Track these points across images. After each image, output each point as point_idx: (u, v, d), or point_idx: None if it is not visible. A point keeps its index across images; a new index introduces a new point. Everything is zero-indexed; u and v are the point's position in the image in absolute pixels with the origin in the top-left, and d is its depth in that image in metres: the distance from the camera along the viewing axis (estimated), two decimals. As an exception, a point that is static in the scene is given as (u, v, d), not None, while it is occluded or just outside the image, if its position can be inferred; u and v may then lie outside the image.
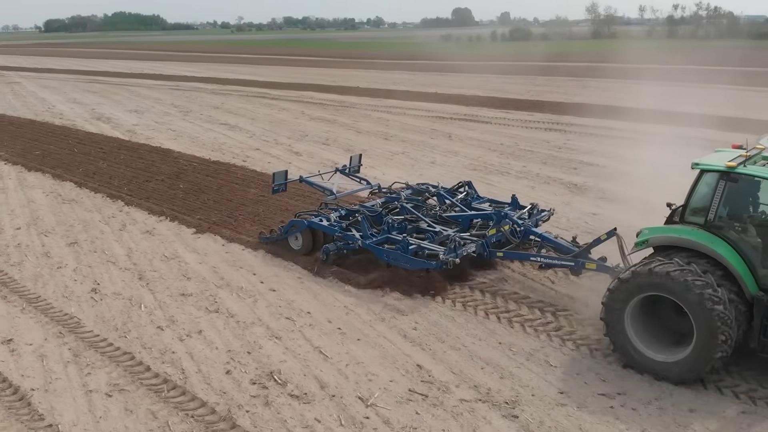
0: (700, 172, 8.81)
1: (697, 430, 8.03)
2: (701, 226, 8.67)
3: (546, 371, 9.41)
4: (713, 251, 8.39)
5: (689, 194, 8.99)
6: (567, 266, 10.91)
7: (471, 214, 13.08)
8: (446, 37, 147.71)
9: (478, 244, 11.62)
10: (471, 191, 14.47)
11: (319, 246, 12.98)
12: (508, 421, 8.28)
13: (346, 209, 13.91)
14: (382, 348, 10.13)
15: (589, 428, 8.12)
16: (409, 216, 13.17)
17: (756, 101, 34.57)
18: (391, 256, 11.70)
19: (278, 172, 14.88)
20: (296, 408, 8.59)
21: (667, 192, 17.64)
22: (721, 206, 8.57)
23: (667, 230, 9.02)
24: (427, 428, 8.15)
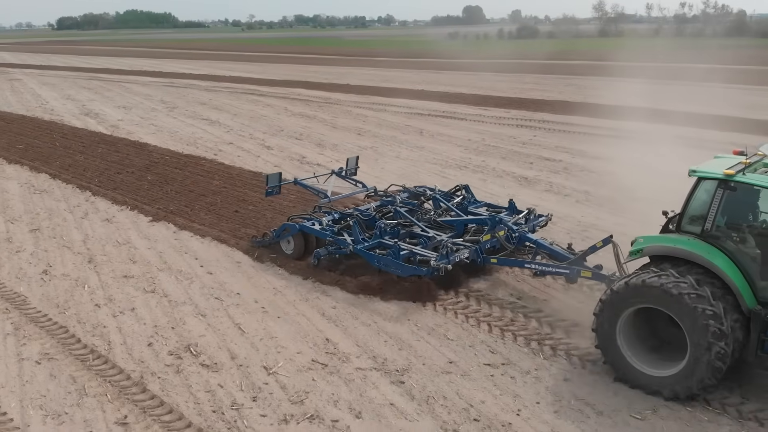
0: (698, 180, 8.34)
1: (565, 397, 8.74)
2: (698, 236, 8.28)
3: (442, 344, 10.14)
4: (709, 262, 7.99)
5: (686, 202, 8.53)
6: (562, 274, 10.62)
7: (465, 219, 12.79)
8: (453, 35, 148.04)
9: (472, 250, 11.36)
10: (468, 195, 14.17)
11: (311, 250, 12.69)
12: (394, 386, 9.02)
13: (339, 213, 13.60)
14: (298, 325, 10.88)
15: (466, 393, 8.84)
16: (403, 220, 12.85)
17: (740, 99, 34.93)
18: (382, 262, 11.44)
19: (271, 175, 14.42)
20: (204, 375, 9.35)
21: (613, 185, 18.35)
22: (719, 215, 8.15)
23: (663, 239, 8.63)
24: (319, 392, 8.89)
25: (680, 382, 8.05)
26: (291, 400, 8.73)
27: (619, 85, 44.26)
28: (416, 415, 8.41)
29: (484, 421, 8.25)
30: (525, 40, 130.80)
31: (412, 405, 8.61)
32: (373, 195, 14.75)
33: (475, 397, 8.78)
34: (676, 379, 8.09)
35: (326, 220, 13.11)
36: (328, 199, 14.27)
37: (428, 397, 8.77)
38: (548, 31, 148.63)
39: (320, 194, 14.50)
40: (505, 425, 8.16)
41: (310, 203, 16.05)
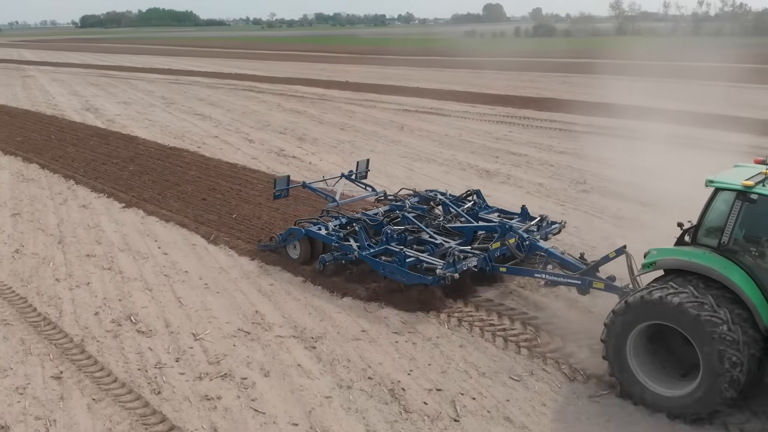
0: (715, 190, 7.95)
1: (456, 359, 9.65)
2: (714, 249, 7.88)
3: (359, 315, 11.09)
4: (725, 278, 7.59)
5: (702, 214, 8.11)
6: (573, 284, 10.22)
7: (475, 225, 12.37)
8: (470, 33, 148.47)
9: (480, 258, 11.01)
10: (479, 200, 13.72)
11: (317, 255, 12.39)
12: (305, 351, 9.98)
13: (347, 217, 13.24)
14: (234, 299, 11.89)
15: (368, 356, 9.78)
16: (411, 226, 12.49)
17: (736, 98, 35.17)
18: (387, 269, 11.14)
19: (279, 178, 14.13)
20: (137, 340, 10.39)
21: (567, 178, 19.15)
22: (737, 228, 7.73)
23: (677, 252, 8.21)
24: (236, 356, 9.88)
25: (689, 404, 7.64)
26: (209, 361, 9.72)
27: (613, 83, 44.67)
28: (318, 374, 9.36)
29: (377, 379, 9.19)
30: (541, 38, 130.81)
31: (317, 366, 9.56)
32: (383, 199, 14.32)
33: (375, 359, 9.71)
34: (684, 401, 7.69)
35: (332, 224, 12.76)
36: (336, 203, 13.88)
37: (333, 360, 9.72)
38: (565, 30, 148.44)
39: (328, 198, 14.14)
40: (394, 382, 9.08)
41: (295, 198, 16.99)
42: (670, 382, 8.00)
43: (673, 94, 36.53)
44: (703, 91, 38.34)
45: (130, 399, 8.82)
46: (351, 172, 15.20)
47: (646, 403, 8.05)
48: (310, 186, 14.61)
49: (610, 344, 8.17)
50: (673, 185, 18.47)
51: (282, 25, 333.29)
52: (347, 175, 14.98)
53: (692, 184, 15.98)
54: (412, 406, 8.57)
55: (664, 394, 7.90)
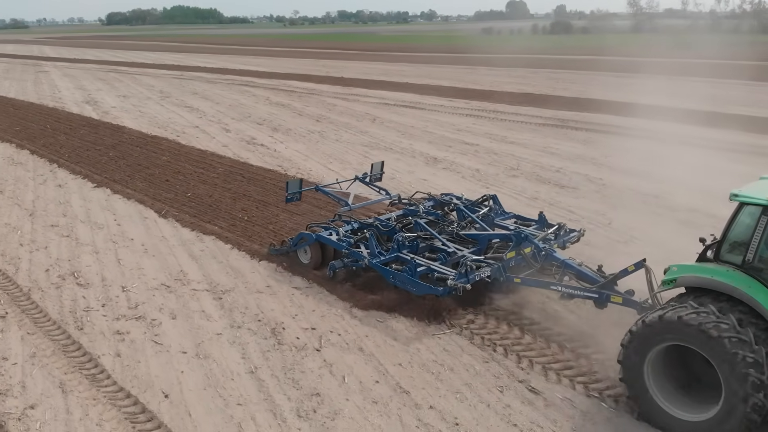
0: (740, 205, 7.53)
1: (336, 307, 11.37)
2: (738, 267, 7.47)
3: (270, 273, 12.86)
4: (750, 298, 7.19)
5: (726, 229, 7.70)
6: (590, 298, 9.75)
7: (489, 234, 11.89)
8: (487, 31, 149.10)
9: (494, 268, 10.54)
10: (495, 206, 13.28)
11: (328, 260, 12.25)
12: (212, 300, 11.77)
13: (359, 222, 12.99)
14: (165, 261, 13.71)
15: (264, 305, 11.53)
16: (423, 233, 12.04)
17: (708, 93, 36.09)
18: (397, 278, 10.83)
19: (292, 181, 14.01)
20: (74, 290, 12.26)
21: (503, 165, 20.71)
22: (763, 245, 7.31)
23: (699, 269, 7.80)
24: (153, 303, 11.68)
25: (711, 430, 7.25)
26: (129, 307, 11.56)
27: (599, 79, 46.13)
28: (217, 317, 11.14)
29: (264, 321, 10.94)
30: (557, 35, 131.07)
31: (218, 312, 11.34)
32: (397, 203, 14.09)
33: (269, 307, 11.47)
34: (706, 426, 7.29)
35: (344, 230, 12.51)
36: (348, 207, 13.68)
37: (234, 308, 11.50)
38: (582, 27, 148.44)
39: (341, 202, 13.90)
40: (278, 323, 10.83)
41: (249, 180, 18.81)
42: (692, 406, 7.60)
43: (648, 90, 37.75)
44: (678, 86, 39.46)
45: (58, 333, 10.66)
46: (365, 174, 14.94)
47: (666, 428, 7.68)
48: (323, 189, 14.34)
49: (627, 365, 7.82)
50: (598, 172, 20.07)
51: (304, 23, 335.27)
52: (361, 177, 14.75)
53: (622, 172, 17.91)
54: (286, 340, 10.31)
55: (684, 418, 7.49)
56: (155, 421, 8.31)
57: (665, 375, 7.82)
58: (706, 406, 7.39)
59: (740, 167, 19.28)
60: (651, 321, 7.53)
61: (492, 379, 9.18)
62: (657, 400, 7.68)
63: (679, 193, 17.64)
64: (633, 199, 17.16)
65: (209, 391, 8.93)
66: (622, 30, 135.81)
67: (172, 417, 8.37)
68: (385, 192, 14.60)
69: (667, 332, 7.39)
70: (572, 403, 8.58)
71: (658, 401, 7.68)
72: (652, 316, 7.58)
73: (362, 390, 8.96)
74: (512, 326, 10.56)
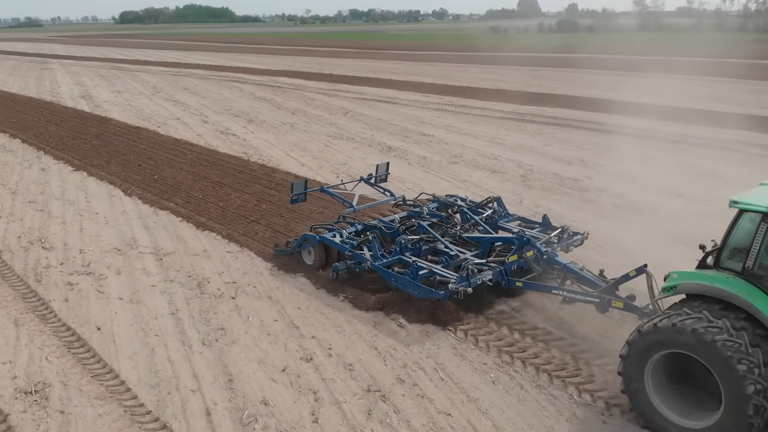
0: (739, 212, 7.54)
1: (259, 268, 13.32)
2: (738, 274, 7.46)
3: (209, 240, 14.82)
4: (750, 305, 7.20)
5: (726, 236, 7.68)
6: (592, 302, 9.80)
7: (491, 237, 11.97)
8: (494, 29, 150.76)
9: (496, 272, 10.64)
10: (499, 209, 13.27)
11: (332, 261, 12.40)
12: (153, 261, 13.73)
13: (363, 224, 13.08)
14: (122, 230, 15.71)
15: (197, 265, 13.48)
16: (426, 235, 12.10)
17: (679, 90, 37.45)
18: (399, 281, 10.87)
19: (297, 182, 14.08)
20: (39, 252, 14.28)
21: (449, 153, 22.54)
22: (763, 252, 7.30)
23: (698, 276, 7.78)
24: (103, 262, 13.65)
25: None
26: (82, 265, 13.56)
27: (580, 76, 47.75)
28: (155, 274, 13.11)
29: (194, 276, 12.89)
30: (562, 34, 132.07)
31: (156, 269, 13.31)
32: (402, 204, 14.19)
33: (200, 265, 13.43)
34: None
35: (347, 232, 12.61)
36: (352, 209, 13.72)
37: (171, 267, 13.46)
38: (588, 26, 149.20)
39: (345, 203, 13.96)
40: (205, 278, 12.77)
41: (213, 165, 20.80)
42: (693, 414, 7.60)
43: (620, 86, 39.49)
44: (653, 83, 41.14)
45: (20, 284, 12.66)
46: (370, 175, 14.95)
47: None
48: (327, 190, 14.47)
49: (627, 376, 7.84)
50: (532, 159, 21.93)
51: (315, 22, 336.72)
52: (366, 178, 14.81)
53: (554, 159, 19.90)
54: (208, 290, 12.26)
55: (686, 426, 7.51)
56: (86, 347, 10.27)
57: (667, 383, 7.77)
58: (709, 414, 7.35)
59: (678, 157, 21.17)
60: (647, 330, 7.54)
61: (368, 317, 11.09)
62: (659, 409, 7.64)
63: (599, 178, 19.54)
64: (551, 182, 19.03)
65: (134, 327, 10.90)
66: (628, 29, 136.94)
67: (100, 344, 10.34)
68: (390, 193, 14.60)
69: (665, 340, 7.38)
70: (427, 333, 10.47)
71: (660, 410, 7.63)
72: (648, 325, 7.58)
73: (261, 326, 10.90)
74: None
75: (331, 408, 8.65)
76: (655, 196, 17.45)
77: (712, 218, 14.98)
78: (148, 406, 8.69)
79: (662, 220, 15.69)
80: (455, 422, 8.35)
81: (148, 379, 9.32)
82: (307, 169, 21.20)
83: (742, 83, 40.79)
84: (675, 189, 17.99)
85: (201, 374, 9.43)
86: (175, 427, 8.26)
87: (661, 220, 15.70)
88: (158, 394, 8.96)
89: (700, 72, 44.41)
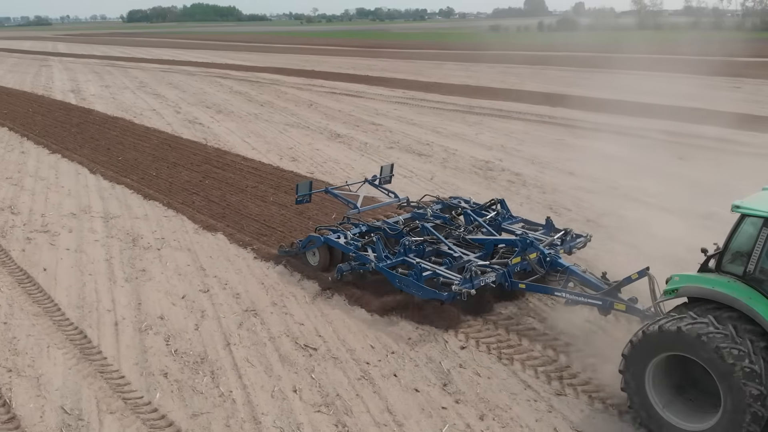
0: (741, 216, 7.59)
1: (188, 229, 15.96)
2: (739, 278, 7.53)
3: (151, 207, 17.45)
4: (751, 309, 7.27)
5: (728, 240, 7.77)
6: (594, 305, 9.89)
7: (495, 239, 12.11)
8: (495, 28, 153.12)
9: (499, 274, 10.73)
10: (503, 210, 13.35)
11: (336, 262, 12.50)
12: (101, 222, 16.35)
13: (367, 225, 13.17)
14: (80, 200, 18.36)
15: (135, 225, 16.08)
16: (430, 237, 12.21)
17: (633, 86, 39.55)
18: (403, 282, 10.97)
19: (302, 183, 14.11)
20: (9, 216, 16.93)
21: (388, 140, 25.10)
22: (764, 256, 7.36)
23: (700, 280, 7.88)
24: (59, 224, 16.28)
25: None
26: (42, 224, 16.23)
27: (549, 73, 50.11)
28: (100, 232, 15.71)
29: (132, 234, 15.48)
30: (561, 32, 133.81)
31: (102, 229, 15.93)
32: (406, 206, 14.35)
33: (138, 226, 16.03)
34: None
35: (352, 233, 12.73)
36: (357, 210, 13.77)
37: (114, 227, 16.07)
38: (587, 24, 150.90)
39: (349, 204, 14.03)
40: (141, 236, 15.38)
41: (175, 149, 23.48)
42: (692, 415, 7.69)
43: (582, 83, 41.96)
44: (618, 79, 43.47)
45: (-13, 240, 15.38)
46: (375, 177, 15.05)
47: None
48: (332, 191, 14.54)
49: (629, 375, 7.91)
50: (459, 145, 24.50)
51: (321, 21, 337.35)
52: (370, 180, 14.89)
53: (479, 145, 22.65)
54: (139, 244, 14.88)
55: (684, 427, 7.62)
56: (33, 282, 12.90)
57: (667, 385, 7.87)
58: (707, 416, 7.44)
59: (590, 143, 23.71)
60: (651, 332, 7.58)
61: (267, 264, 13.68)
62: (659, 410, 7.73)
63: (509, 160, 22.13)
64: (465, 164, 21.61)
65: (74, 269, 13.54)
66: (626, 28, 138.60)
67: (44, 280, 12.96)
68: (394, 195, 14.68)
69: (667, 343, 7.44)
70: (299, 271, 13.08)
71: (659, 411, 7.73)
72: (651, 327, 7.62)
73: (175, 269, 13.51)
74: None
75: (212, 321, 11.25)
76: (549, 175, 20.02)
77: (589, 192, 17.77)
78: (72, 320, 11.30)
79: (545, 193, 18.28)
80: (306, 330, 10.93)
81: (76, 303, 11.94)
82: (257, 152, 23.83)
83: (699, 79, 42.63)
84: (570, 169, 20.55)
85: (118, 300, 12.06)
86: (89, 333, 10.85)
87: (544, 193, 18.29)
88: (81, 312, 11.58)
89: (663, 69, 46.65)
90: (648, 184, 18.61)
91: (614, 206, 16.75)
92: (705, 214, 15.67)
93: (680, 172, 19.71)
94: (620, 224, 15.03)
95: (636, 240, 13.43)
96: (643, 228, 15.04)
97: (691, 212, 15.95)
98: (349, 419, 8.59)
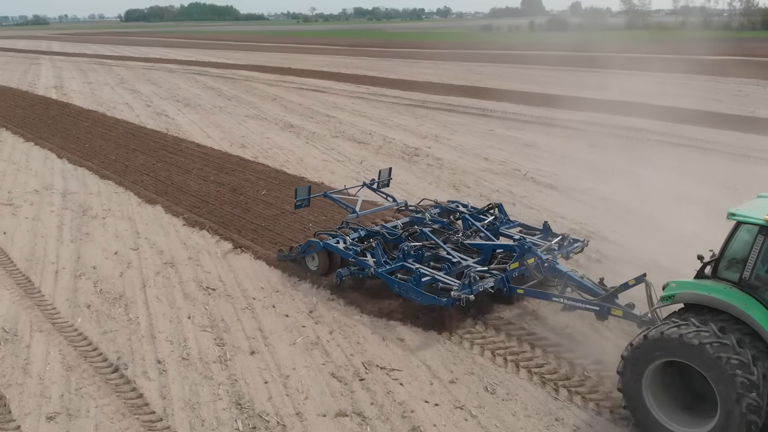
0: (737, 224, 7.70)
1: (150, 217, 18.41)
2: (735, 284, 7.64)
3: (104, 185, 19.88)
4: (746, 315, 7.40)
5: (723, 247, 7.87)
6: (591, 310, 10.00)
7: (493, 244, 12.09)
8: (486, 28, 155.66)
9: (497, 279, 10.82)
10: (501, 215, 13.46)
11: (336, 267, 12.44)
12: (59, 198, 18.76)
13: (366, 230, 13.13)
14: (45, 180, 20.72)
15: (88, 199, 18.52)
16: (428, 242, 12.23)
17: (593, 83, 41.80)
18: (402, 288, 11.02)
19: (301, 188, 14.20)
20: (-21, 193, 19.42)
21: (335, 130, 27.54)
22: (759, 263, 7.47)
23: (697, 286, 7.96)
24: (22, 198, 18.72)
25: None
26: (7, 199, 18.63)
27: (513, 71, 52.47)
28: (57, 205, 18.12)
29: (83, 206, 17.91)
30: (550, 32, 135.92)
31: (59, 202, 18.33)
32: (404, 210, 14.33)
33: (91, 201, 18.47)
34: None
35: (351, 238, 12.71)
36: (356, 215, 13.77)
37: (69, 201, 18.49)
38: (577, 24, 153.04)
39: (348, 209, 14.05)
40: (89, 207, 17.81)
41: (136, 137, 25.90)
42: (686, 420, 7.77)
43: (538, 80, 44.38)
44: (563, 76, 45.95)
45: (-42, 211, 17.79)
46: (373, 180, 15.18)
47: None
48: (330, 196, 14.53)
49: (626, 377, 7.96)
50: (398, 135, 26.94)
51: (318, 20, 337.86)
52: (368, 183, 14.95)
53: (417, 135, 25.22)
54: (88, 214, 17.26)
55: (679, 430, 7.71)
56: (-7, 243, 15.37)
57: (663, 389, 7.94)
58: (702, 422, 7.53)
59: (517, 133, 26.09)
60: (653, 336, 7.64)
61: (193, 230, 16.10)
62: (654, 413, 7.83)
63: (436, 147, 24.58)
64: (396, 150, 24.06)
65: (29, 232, 15.95)
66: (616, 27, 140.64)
67: (2, 240, 15.38)
68: (392, 199, 14.79)
69: (668, 348, 7.50)
70: (224, 237, 15.52)
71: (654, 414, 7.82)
72: (654, 332, 7.67)
73: (115, 233, 15.91)
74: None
75: (134, 270, 13.67)
76: (465, 160, 22.47)
77: (494, 174, 20.26)
78: (21, 269, 13.69)
79: (455, 174, 20.73)
80: (211, 276, 13.33)
81: (27, 257, 14.35)
82: (211, 140, 26.27)
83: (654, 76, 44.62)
84: (486, 155, 23.00)
85: (62, 255, 14.47)
86: (33, 278, 13.25)
87: (454, 174, 20.75)
88: (29, 264, 13.98)
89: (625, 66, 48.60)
90: (548, 166, 21.12)
91: (509, 185, 19.28)
92: (582, 190, 18.26)
93: (583, 157, 22.15)
94: (506, 198, 17.54)
95: (512, 210, 15.78)
96: (524, 201, 17.64)
97: (572, 188, 18.47)
98: (227, 335, 10.97)
